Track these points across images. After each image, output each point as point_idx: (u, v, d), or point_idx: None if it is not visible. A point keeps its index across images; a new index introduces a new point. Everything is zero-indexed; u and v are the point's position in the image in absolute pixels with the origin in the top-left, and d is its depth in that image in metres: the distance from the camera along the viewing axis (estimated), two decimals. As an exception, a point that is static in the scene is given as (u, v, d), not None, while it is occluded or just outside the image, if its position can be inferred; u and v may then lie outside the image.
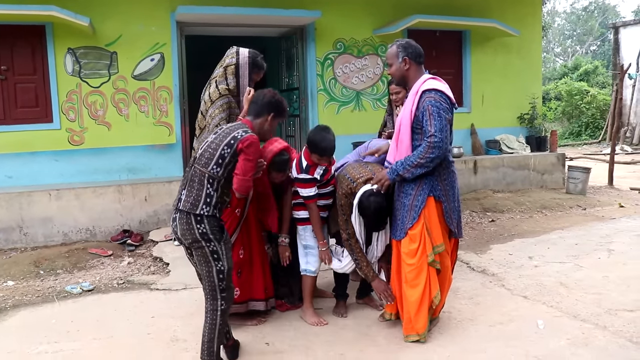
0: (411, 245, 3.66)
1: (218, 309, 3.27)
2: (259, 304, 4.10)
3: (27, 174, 6.76)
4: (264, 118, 3.43)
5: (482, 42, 9.27)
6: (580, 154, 15.81)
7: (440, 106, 3.55)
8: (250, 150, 3.21)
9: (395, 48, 3.75)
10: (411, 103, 3.65)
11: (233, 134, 3.24)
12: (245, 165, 3.22)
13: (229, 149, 3.20)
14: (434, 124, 3.52)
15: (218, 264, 3.24)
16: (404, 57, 3.72)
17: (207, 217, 3.19)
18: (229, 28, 7.88)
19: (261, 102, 3.46)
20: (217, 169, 3.21)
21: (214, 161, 3.22)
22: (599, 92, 21.58)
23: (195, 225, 3.17)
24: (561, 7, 42.99)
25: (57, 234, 6.41)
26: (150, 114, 7.25)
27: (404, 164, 3.61)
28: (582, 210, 8.03)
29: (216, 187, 3.23)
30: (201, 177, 3.24)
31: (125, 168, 7.17)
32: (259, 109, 3.45)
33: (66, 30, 6.71)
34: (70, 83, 6.88)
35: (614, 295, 4.49)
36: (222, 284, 3.26)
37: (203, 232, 3.18)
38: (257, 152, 3.27)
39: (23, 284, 5.24)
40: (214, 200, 3.21)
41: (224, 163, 3.21)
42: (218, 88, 3.94)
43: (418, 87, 3.66)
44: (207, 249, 3.21)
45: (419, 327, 3.65)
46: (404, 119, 3.69)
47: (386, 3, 8.49)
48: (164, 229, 6.74)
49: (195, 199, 3.21)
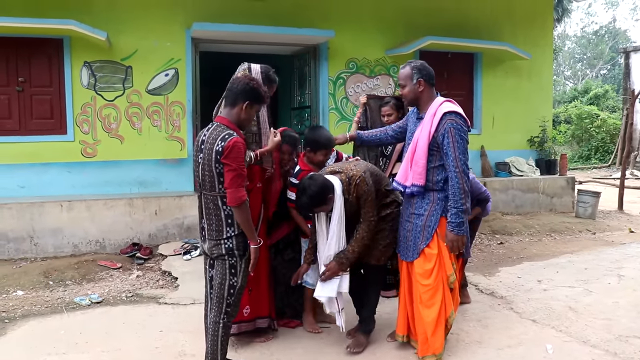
0: (426, 265, 3.66)
1: (220, 322, 3.29)
2: (264, 321, 4.12)
3: (39, 184, 6.82)
4: (239, 107, 3.30)
5: (494, 65, 9.32)
6: (589, 177, 15.75)
7: (461, 129, 3.60)
8: (230, 157, 3.12)
9: (410, 69, 3.77)
10: (429, 125, 3.65)
11: (214, 148, 3.16)
12: (229, 177, 3.14)
13: (220, 165, 3.16)
14: (457, 147, 3.56)
15: (232, 279, 3.26)
16: (418, 79, 3.74)
17: (235, 236, 3.23)
18: (242, 45, 7.98)
19: (235, 90, 3.33)
20: (223, 186, 3.19)
21: (216, 181, 3.20)
22: (609, 116, 21.55)
23: (223, 243, 3.24)
24: (572, 31, 42.99)
25: (67, 245, 6.44)
26: (162, 128, 7.32)
27: (457, 210, 3.56)
28: (592, 234, 7.98)
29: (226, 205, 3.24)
30: (214, 200, 3.24)
31: (136, 181, 7.22)
32: (234, 98, 3.32)
33: (83, 44, 6.82)
34: (85, 96, 6.97)
35: (625, 322, 4.45)
36: (229, 299, 3.28)
37: (229, 247, 3.24)
38: (239, 155, 3.15)
39: (32, 294, 5.26)
40: (234, 218, 3.23)
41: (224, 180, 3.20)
42: None
43: (435, 108, 3.68)
44: (227, 262, 3.25)
45: (436, 347, 3.63)
46: (421, 140, 3.68)
47: (399, 24, 8.57)
48: (173, 243, 6.76)
49: (218, 224, 3.24)
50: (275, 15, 7.72)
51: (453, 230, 3.59)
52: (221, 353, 3.33)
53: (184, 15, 7.33)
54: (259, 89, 3.36)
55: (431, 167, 3.66)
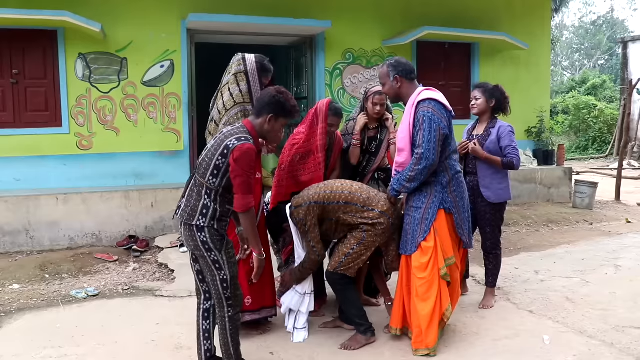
0: (422, 258, 3.66)
1: (226, 316, 3.27)
2: (269, 310, 4.14)
3: (35, 177, 6.79)
4: (264, 118, 3.21)
5: (491, 55, 9.28)
6: (587, 168, 15.75)
7: (432, 117, 3.60)
8: (240, 163, 3.04)
9: (386, 68, 3.83)
10: (409, 115, 3.72)
11: (226, 142, 3.09)
12: (237, 182, 3.07)
13: (224, 159, 3.08)
14: (422, 135, 3.60)
15: (220, 273, 3.20)
16: (395, 76, 3.78)
17: (207, 227, 3.14)
18: (238, 36, 7.93)
19: (261, 101, 3.26)
20: (213, 180, 3.11)
21: (209, 172, 3.12)
22: (607, 106, 21.52)
23: (196, 234, 3.15)
24: (570, 21, 42.89)
25: (64, 238, 6.42)
26: (158, 120, 7.28)
27: (399, 180, 3.72)
28: (589, 225, 7.99)
29: (214, 198, 3.14)
30: (200, 188, 3.17)
31: (132, 174, 7.19)
32: (259, 108, 3.25)
33: (78, 36, 6.76)
34: (80, 88, 6.92)
35: (621, 312, 4.46)
36: (227, 292, 3.25)
37: (204, 241, 3.15)
38: (249, 164, 3.06)
39: (28, 288, 5.25)
40: (210, 211, 3.14)
41: (220, 174, 3.10)
42: (232, 96, 3.93)
43: (414, 99, 3.73)
44: (208, 258, 3.18)
45: (429, 341, 3.63)
46: (402, 131, 3.76)
47: (396, 14, 8.52)
48: (169, 235, 6.75)
49: (193, 209, 3.16)
50: (271, 6, 7.67)
51: (389, 190, 3.84)
52: (233, 347, 3.30)
53: (180, 6, 7.28)
54: (286, 102, 3.24)
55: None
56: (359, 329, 3.88)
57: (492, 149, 4.48)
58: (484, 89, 4.60)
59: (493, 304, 4.61)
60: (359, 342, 3.84)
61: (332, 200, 3.78)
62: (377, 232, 3.77)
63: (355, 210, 3.78)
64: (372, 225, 3.76)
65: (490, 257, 4.66)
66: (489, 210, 4.52)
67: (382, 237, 3.81)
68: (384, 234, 3.81)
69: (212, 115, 4.05)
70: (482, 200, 4.48)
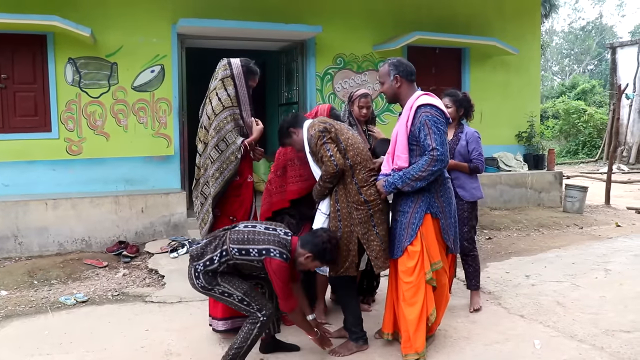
0: (409, 262, 3.65)
1: (258, 321, 3.42)
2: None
3: (24, 182, 6.73)
4: (303, 257, 3.43)
5: (481, 60, 9.32)
6: (577, 172, 15.85)
7: (437, 120, 3.59)
8: (278, 274, 3.30)
9: (387, 67, 3.80)
10: (406, 118, 3.67)
11: (269, 248, 3.34)
12: (278, 288, 3.34)
13: (253, 258, 3.36)
14: (434, 137, 3.54)
15: (234, 297, 3.42)
16: (395, 75, 3.75)
17: (203, 273, 3.41)
18: (229, 41, 7.92)
19: (316, 243, 3.43)
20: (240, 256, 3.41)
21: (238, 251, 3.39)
22: (596, 111, 21.70)
23: (194, 279, 3.44)
24: (559, 27, 43.22)
25: (53, 244, 6.37)
26: (149, 125, 7.25)
27: (403, 177, 3.59)
28: (579, 229, 8.03)
29: (222, 262, 3.40)
30: (222, 247, 3.41)
31: (122, 179, 7.15)
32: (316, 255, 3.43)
33: (67, 40, 6.73)
34: (70, 93, 6.88)
35: (611, 316, 4.47)
36: (250, 307, 3.42)
37: (203, 286, 3.42)
38: (284, 276, 3.33)
39: (16, 294, 5.19)
40: (212, 267, 3.39)
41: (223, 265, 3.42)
42: (221, 101, 3.93)
43: (412, 102, 3.69)
44: (215, 293, 3.45)
45: (417, 345, 3.62)
46: (400, 134, 3.70)
47: (386, 19, 8.54)
48: (159, 240, 6.70)
49: (202, 253, 3.44)
50: (261, 11, 7.66)
51: (384, 184, 3.68)
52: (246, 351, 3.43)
53: (170, 11, 7.25)
54: (328, 253, 3.46)
55: (413, 162, 3.65)
56: (352, 336, 3.86)
57: (462, 152, 4.65)
58: (455, 98, 4.72)
59: (481, 304, 4.71)
60: (349, 349, 3.82)
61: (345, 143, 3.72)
62: (353, 222, 3.69)
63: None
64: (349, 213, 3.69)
65: (468, 259, 4.74)
66: (466, 209, 4.64)
67: (359, 227, 3.69)
68: (361, 224, 3.69)
69: (202, 121, 4.05)
70: (459, 199, 4.55)
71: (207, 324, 4.21)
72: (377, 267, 3.76)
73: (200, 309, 4.65)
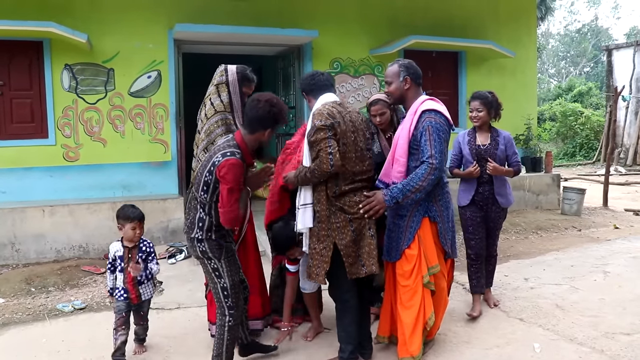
0: (406, 266, 3.64)
1: (225, 325, 3.34)
2: (258, 323, 4.11)
3: (21, 189, 6.71)
4: (260, 134, 3.26)
5: (478, 63, 9.34)
6: (574, 174, 15.85)
7: (440, 128, 3.56)
8: (227, 177, 3.10)
9: (397, 67, 3.75)
10: (409, 123, 3.64)
11: (213, 159, 3.19)
12: (225, 195, 3.13)
13: (211, 176, 3.19)
14: (434, 145, 3.50)
15: (220, 281, 3.32)
16: (405, 77, 3.72)
17: (205, 239, 3.27)
18: (226, 46, 7.92)
19: (257, 116, 3.23)
20: (204, 195, 3.24)
21: (200, 187, 3.24)
22: (593, 113, 21.72)
23: (196, 245, 3.30)
24: (555, 29, 43.37)
25: (50, 251, 6.35)
26: (146, 131, 7.24)
27: (403, 190, 3.49)
28: (578, 231, 8.02)
29: (208, 212, 3.27)
30: (195, 202, 3.32)
31: (120, 185, 7.13)
32: (255, 125, 3.24)
33: (64, 47, 6.72)
34: (67, 99, 6.87)
35: (611, 318, 4.47)
36: (227, 300, 3.34)
37: (203, 250, 3.30)
38: (235, 177, 3.12)
39: (14, 302, 5.17)
40: (206, 224, 3.28)
41: (209, 189, 3.21)
42: (213, 105, 3.96)
43: (417, 106, 3.67)
44: (208, 266, 3.32)
45: (413, 349, 3.60)
46: (401, 138, 3.67)
47: (383, 23, 8.56)
48: (157, 247, 6.66)
49: (191, 222, 3.32)
50: (258, 16, 7.67)
51: (385, 196, 3.50)
52: (226, 355, 3.37)
53: (166, 17, 7.26)
54: (280, 112, 3.28)
55: (412, 166, 3.62)
56: (340, 354, 3.64)
57: (502, 157, 4.64)
58: (485, 100, 4.59)
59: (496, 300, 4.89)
60: None
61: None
62: (331, 227, 3.47)
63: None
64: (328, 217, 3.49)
65: (492, 260, 4.87)
66: (502, 216, 4.73)
67: (336, 232, 3.46)
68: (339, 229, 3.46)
69: (198, 126, 4.06)
70: (497, 207, 4.63)
71: (205, 329, 4.20)
72: (351, 273, 3.48)
73: (198, 315, 4.64)
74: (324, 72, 3.73)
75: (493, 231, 4.76)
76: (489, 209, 4.64)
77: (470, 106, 4.67)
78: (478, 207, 4.62)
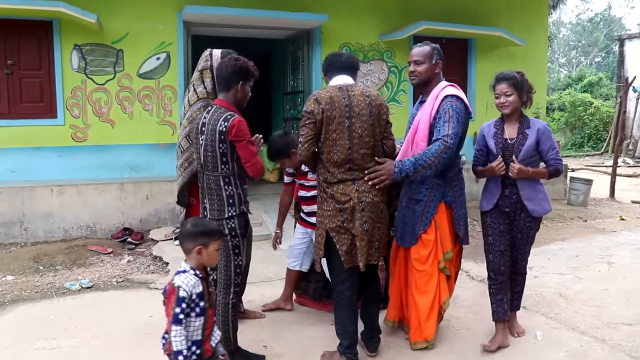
0: (422, 251, 3.65)
1: (229, 302, 3.40)
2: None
3: (30, 168, 6.76)
4: (235, 89, 3.38)
5: (488, 51, 9.27)
6: (582, 165, 15.79)
7: (460, 112, 3.54)
8: (240, 133, 3.22)
9: (430, 49, 3.71)
10: (430, 107, 3.63)
11: (218, 129, 3.24)
12: (246, 151, 3.26)
13: (224, 145, 3.24)
14: (452, 126, 3.47)
15: (237, 259, 3.37)
16: (437, 60, 3.71)
17: (237, 216, 3.33)
18: (235, 29, 7.89)
19: (225, 74, 3.38)
20: (226, 166, 3.29)
21: (219, 162, 3.28)
22: (603, 103, 21.57)
23: (225, 223, 3.31)
24: (567, 18, 42.86)
25: (58, 230, 6.41)
26: (154, 112, 7.26)
27: (415, 163, 3.39)
28: (583, 222, 8.02)
29: (234, 183, 3.32)
30: (217, 181, 3.31)
31: (127, 166, 7.17)
32: (226, 82, 3.39)
33: (73, 27, 6.72)
34: (76, 79, 6.88)
35: (614, 309, 4.48)
36: (237, 279, 3.39)
37: (232, 227, 3.32)
38: (246, 129, 3.27)
39: (22, 279, 5.23)
40: (236, 198, 3.32)
41: (229, 158, 3.27)
42: (196, 92, 3.92)
43: (438, 92, 3.65)
44: (230, 243, 3.33)
45: (428, 333, 3.64)
46: (422, 122, 3.64)
47: (393, 9, 8.50)
48: (164, 228, 6.73)
49: (220, 204, 3.32)
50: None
51: (395, 167, 3.41)
52: (233, 332, 3.45)
53: (176, -2, 7.24)
54: (246, 65, 3.40)
55: None
56: (339, 348, 3.50)
57: (528, 155, 3.66)
58: (514, 81, 3.70)
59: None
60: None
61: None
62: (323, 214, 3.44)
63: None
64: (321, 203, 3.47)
65: (519, 279, 4.01)
66: (533, 226, 3.82)
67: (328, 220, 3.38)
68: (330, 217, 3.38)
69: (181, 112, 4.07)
70: (527, 215, 3.75)
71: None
72: (347, 262, 3.38)
73: (204, 296, 4.68)
74: (343, 54, 3.74)
75: (521, 244, 3.85)
76: (517, 217, 3.77)
77: (496, 90, 3.75)
78: (503, 214, 3.77)
